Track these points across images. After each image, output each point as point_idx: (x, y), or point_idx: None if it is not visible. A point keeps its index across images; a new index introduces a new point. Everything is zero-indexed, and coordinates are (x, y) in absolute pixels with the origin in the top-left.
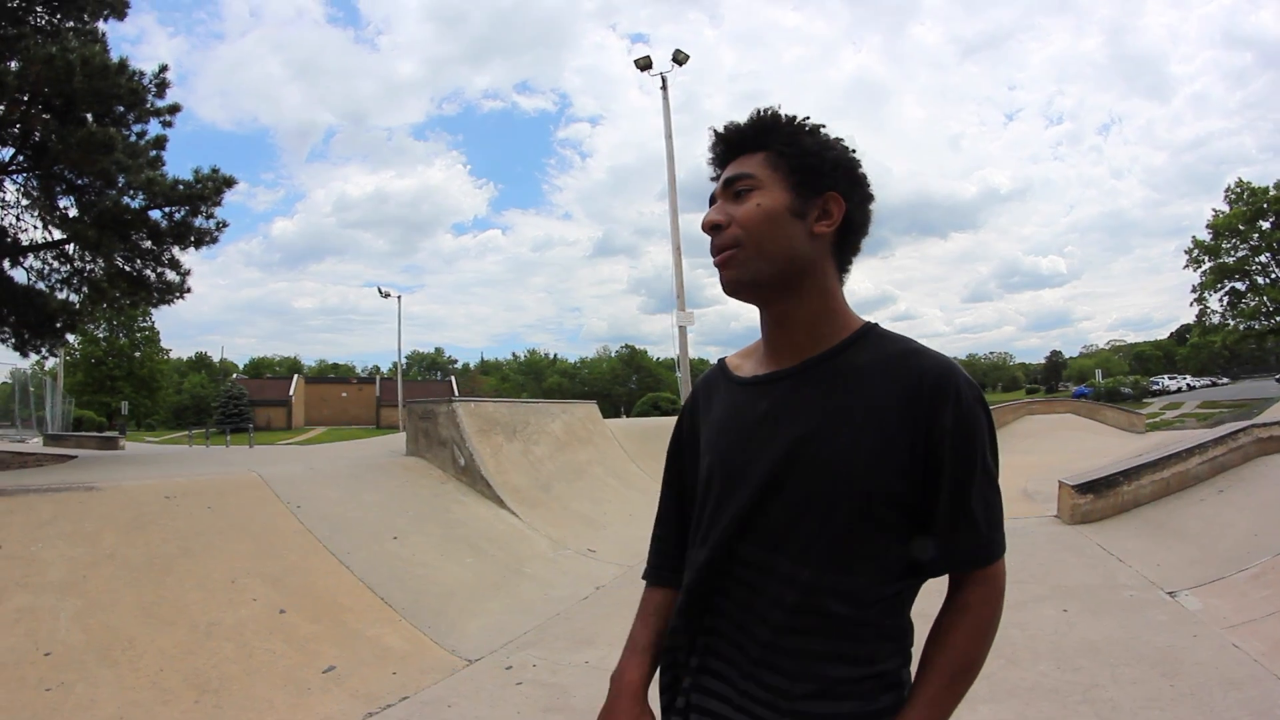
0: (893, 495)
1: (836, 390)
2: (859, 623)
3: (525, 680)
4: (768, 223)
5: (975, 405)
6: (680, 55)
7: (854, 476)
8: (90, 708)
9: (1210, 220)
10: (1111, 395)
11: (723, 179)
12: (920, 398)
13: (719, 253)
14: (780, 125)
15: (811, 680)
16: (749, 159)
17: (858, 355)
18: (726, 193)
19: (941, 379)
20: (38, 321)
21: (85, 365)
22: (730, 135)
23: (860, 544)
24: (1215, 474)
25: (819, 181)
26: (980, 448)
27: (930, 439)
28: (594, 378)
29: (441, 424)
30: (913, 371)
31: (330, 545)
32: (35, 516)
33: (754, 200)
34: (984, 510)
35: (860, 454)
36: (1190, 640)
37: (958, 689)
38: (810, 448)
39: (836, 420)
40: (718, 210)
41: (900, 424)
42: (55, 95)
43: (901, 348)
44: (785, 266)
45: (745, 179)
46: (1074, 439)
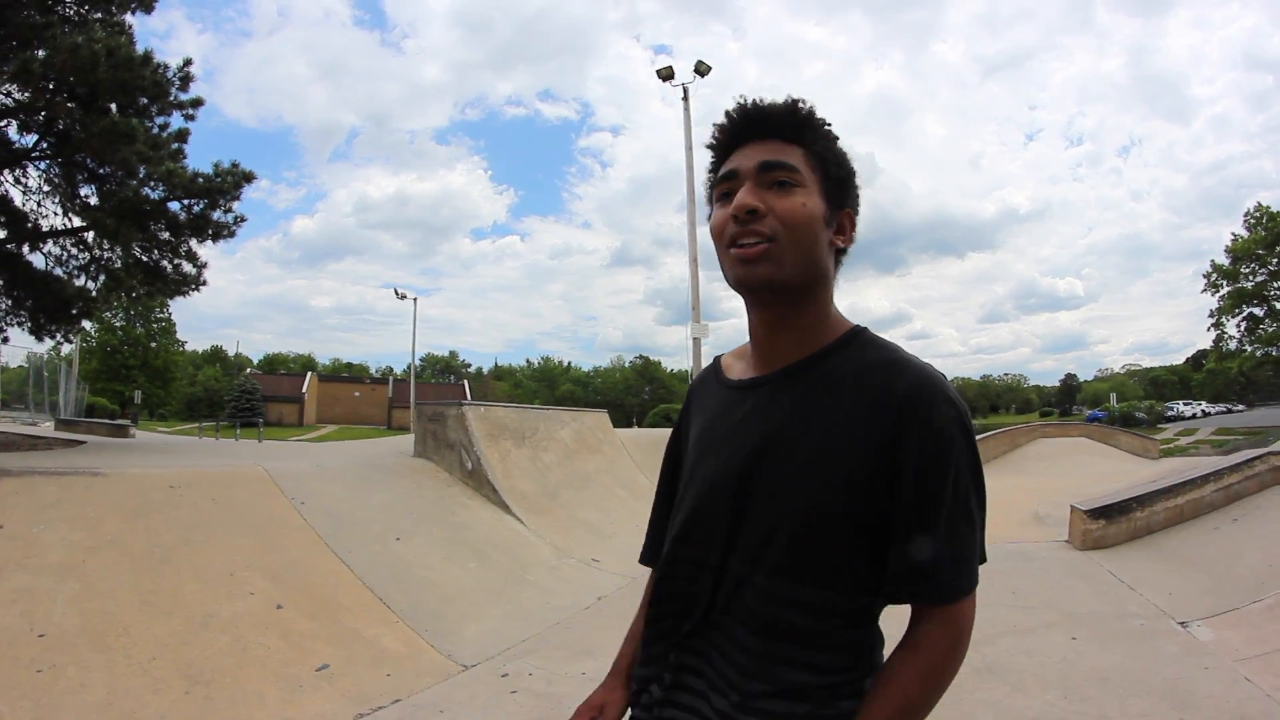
0: (852, 514)
1: (809, 399)
2: (818, 633)
3: (520, 689)
4: (811, 225)
5: (950, 426)
6: (702, 66)
7: (812, 490)
8: (80, 691)
9: (1229, 244)
10: (1126, 420)
11: (761, 160)
12: (887, 413)
13: (750, 242)
14: (819, 126)
15: (770, 682)
16: (788, 149)
17: (838, 364)
18: (763, 178)
19: (913, 394)
20: (54, 307)
21: (101, 353)
22: (771, 114)
23: (818, 558)
24: (1230, 502)
25: (845, 197)
26: (950, 472)
27: (894, 459)
28: (607, 387)
29: (450, 427)
30: (886, 384)
31: (332, 543)
32: (39, 499)
33: (799, 198)
34: (948, 542)
35: (821, 468)
36: (1201, 672)
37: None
38: (774, 457)
39: (803, 430)
40: (753, 194)
41: (865, 439)
42: (80, 84)
43: (883, 357)
44: (809, 273)
45: (789, 170)
46: (1087, 463)
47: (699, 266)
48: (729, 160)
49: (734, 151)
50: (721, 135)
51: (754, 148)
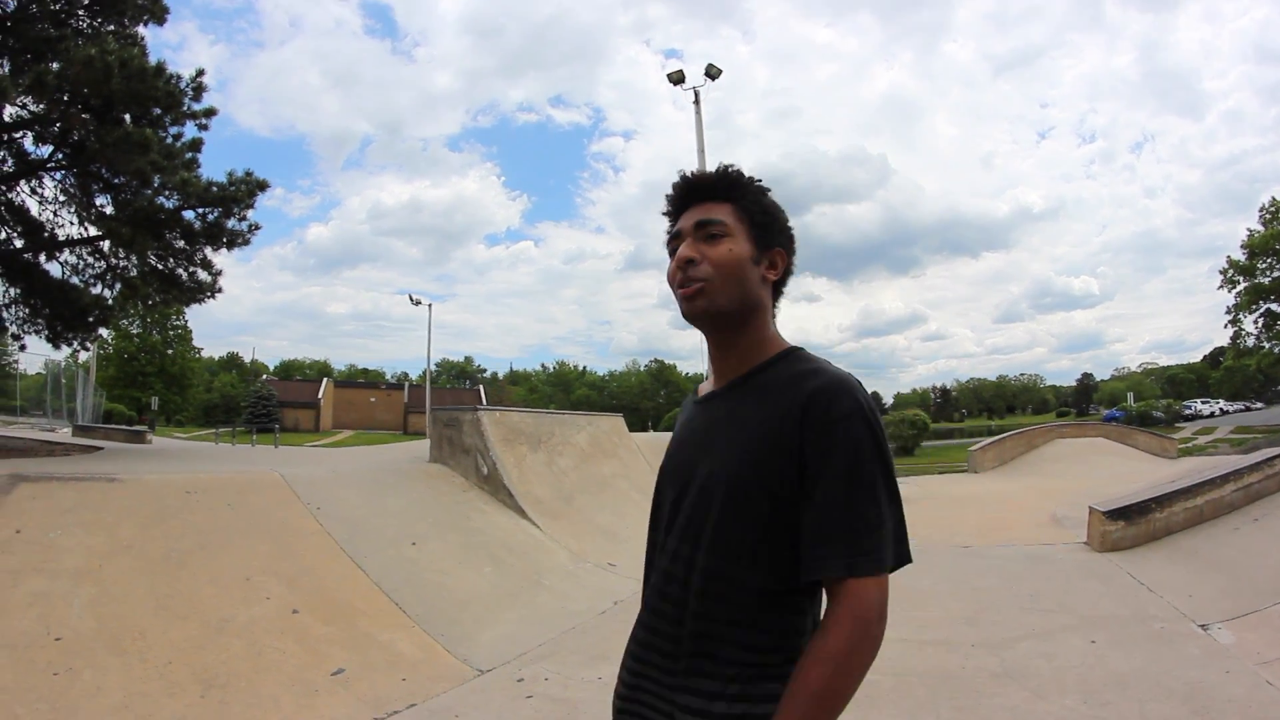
0: (774, 500)
1: (743, 404)
2: (747, 612)
3: (536, 694)
4: (736, 266)
5: (850, 417)
6: (713, 70)
7: (739, 479)
8: (96, 695)
9: (1245, 240)
10: (1143, 419)
11: (694, 219)
12: (796, 409)
13: (689, 284)
14: (744, 183)
15: (706, 658)
16: (718, 207)
17: (771, 375)
18: (699, 233)
19: (818, 392)
20: (70, 315)
21: (118, 360)
22: (702, 183)
23: (742, 538)
24: (1250, 502)
25: (772, 239)
26: (853, 458)
27: (800, 448)
28: (622, 391)
29: (466, 432)
30: (801, 387)
31: (348, 548)
32: (56, 504)
33: (726, 245)
34: (847, 519)
35: (747, 460)
36: (1222, 676)
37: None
38: (714, 453)
39: (735, 429)
40: (691, 247)
41: (778, 432)
42: (94, 96)
43: (805, 368)
44: (741, 304)
45: (718, 224)
46: (1104, 463)
47: None
48: (676, 223)
49: (680, 215)
50: (670, 203)
51: (693, 210)
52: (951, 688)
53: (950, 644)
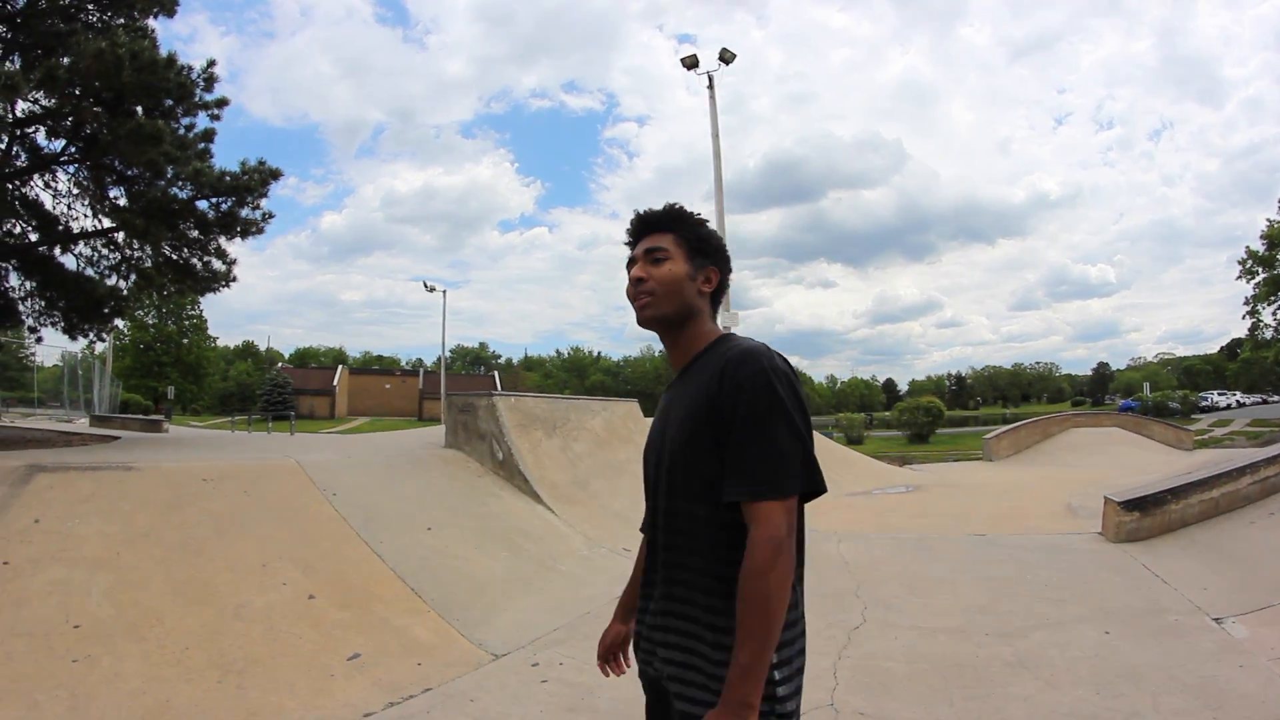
0: (697, 440)
1: (688, 383)
2: (711, 541)
3: (551, 678)
4: (675, 283)
5: (754, 376)
6: (727, 54)
7: (687, 438)
8: (114, 680)
9: (1264, 230)
10: (1159, 410)
11: (644, 247)
12: (718, 375)
13: (640, 298)
14: (684, 217)
15: (687, 586)
16: (662, 236)
17: (706, 358)
18: (647, 258)
19: (731, 361)
20: (86, 306)
21: (134, 350)
22: (649, 218)
23: (692, 479)
24: (1266, 496)
25: (705, 259)
26: (754, 408)
27: (719, 402)
28: (637, 376)
29: (481, 418)
30: (722, 357)
31: (364, 534)
32: (74, 493)
33: (667, 266)
34: (755, 456)
35: (689, 422)
36: (1236, 671)
37: (763, 627)
38: (670, 423)
39: (682, 402)
40: (641, 269)
41: (706, 394)
42: (105, 89)
43: (727, 345)
44: (681, 310)
45: (661, 250)
46: (1120, 453)
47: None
48: (633, 250)
49: (634, 246)
50: (628, 234)
51: (645, 239)
52: (964, 676)
53: (963, 632)
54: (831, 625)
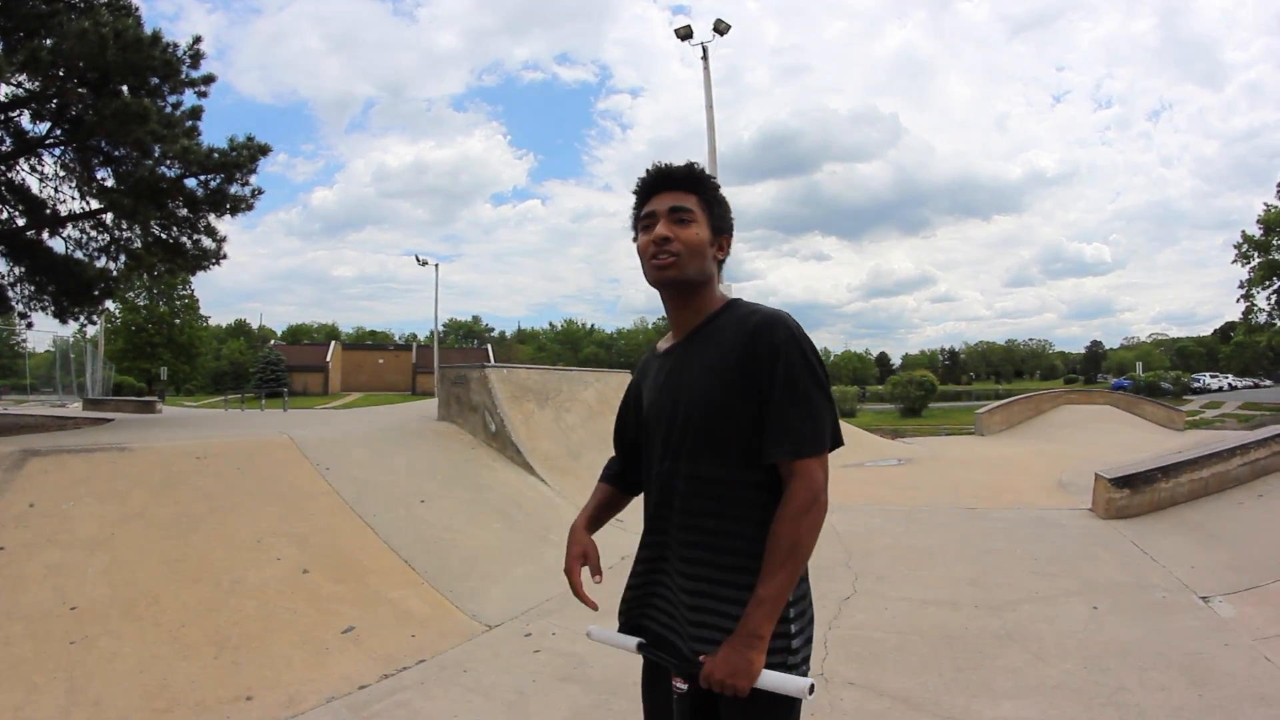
0: (728, 406)
1: (701, 346)
2: (729, 500)
3: (543, 648)
4: (700, 246)
5: (787, 342)
6: (721, 25)
7: (719, 403)
8: (112, 661)
9: (1261, 215)
10: (1151, 390)
11: (668, 204)
12: (745, 340)
13: (662, 257)
14: (706, 180)
15: (711, 548)
16: (687, 197)
17: (720, 322)
18: (672, 216)
19: (760, 325)
20: (76, 289)
21: (126, 332)
22: (674, 174)
23: (716, 441)
24: (1256, 477)
25: (723, 227)
26: (792, 370)
27: (754, 368)
28: (630, 349)
29: (473, 390)
30: (746, 324)
31: (357, 508)
32: (68, 475)
33: (693, 230)
34: (795, 417)
35: (710, 380)
36: (1221, 649)
37: (791, 564)
38: (686, 386)
39: (700, 365)
40: (667, 228)
41: (734, 359)
42: (90, 69)
43: (746, 310)
44: (699, 274)
45: (688, 212)
46: (1111, 431)
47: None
48: (649, 204)
49: (651, 198)
50: (642, 185)
51: (665, 196)
52: (954, 648)
53: (954, 604)
54: (823, 596)
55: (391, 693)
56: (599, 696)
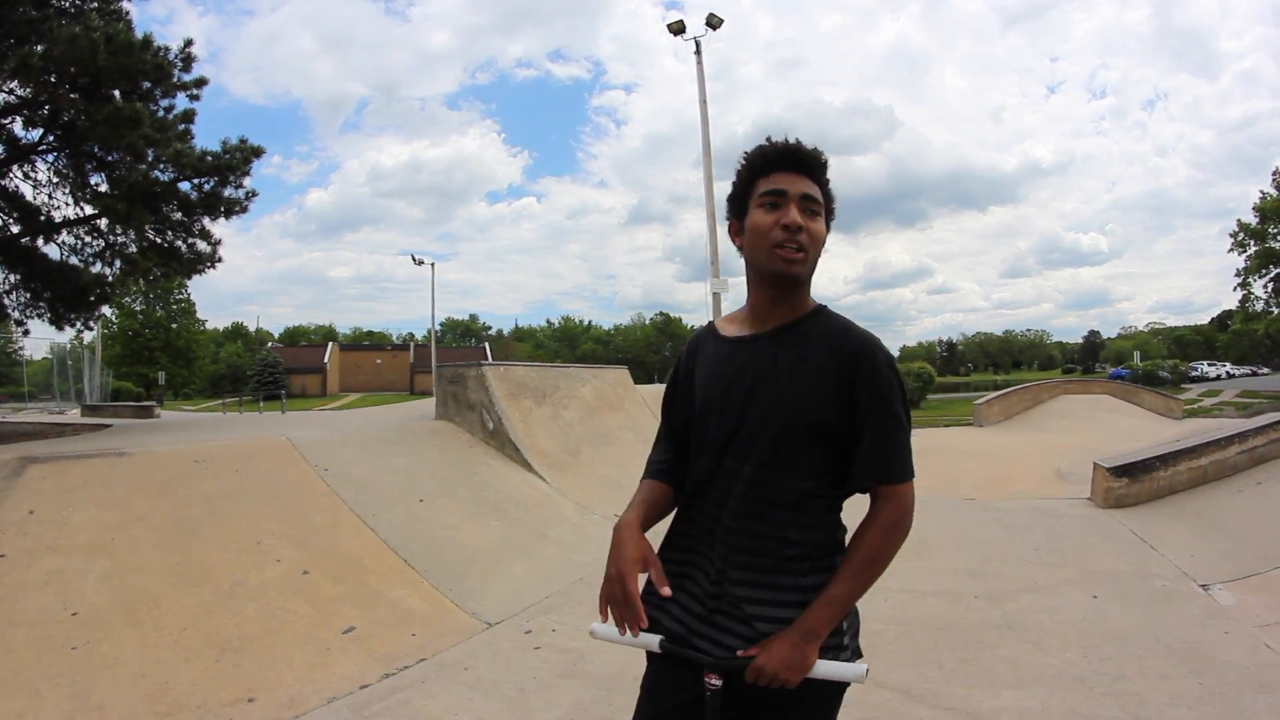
0: (820, 423)
1: (790, 349)
2: (790, 506)
3: (544, 645)
4: (821, 244)
5: (885, 369)
6: (714, 19)
7: (795, 408)
8: (114, 665)
9: (1257, 203)
10: (1149, 379)
11: (804, 192)
12: (844, 363)
13: (789, 249)
14: (826, 170)
15: (760, 553)
16: (814, 185)
17: (810, 327)
18: (803, 205)
19: (860, 350)
20: (71, 295)
21: (123, 338)
22: (809, 158)
23: (796, 455)
24: (1254, 465)
25: (831, 221)
26: (889, 400)
27: (851, 394)
28: (628, 345)
29: (471, 388)
30: (842, 343)
31: (356, 508)
32: (67, 481)
33: (820, 224)
34: (891, 446)
35: (798, 392)
36: (1221, 637)
37: (868, 573)
38: (764, 386)
39: (785, 369)
40: (800, 216)
41: (830, 378)
42: (81, 74)
43: (838, 325)
44: (810, 274)
45: (818, 203)
46: (1109, 421)
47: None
48: (773, 179)
49: (774, 174)
50: (764, 157)
51: (795, 178)
52: (953, 638)
53: (953, 595)
54: None
55: (393, 692)
56: (599, 692)
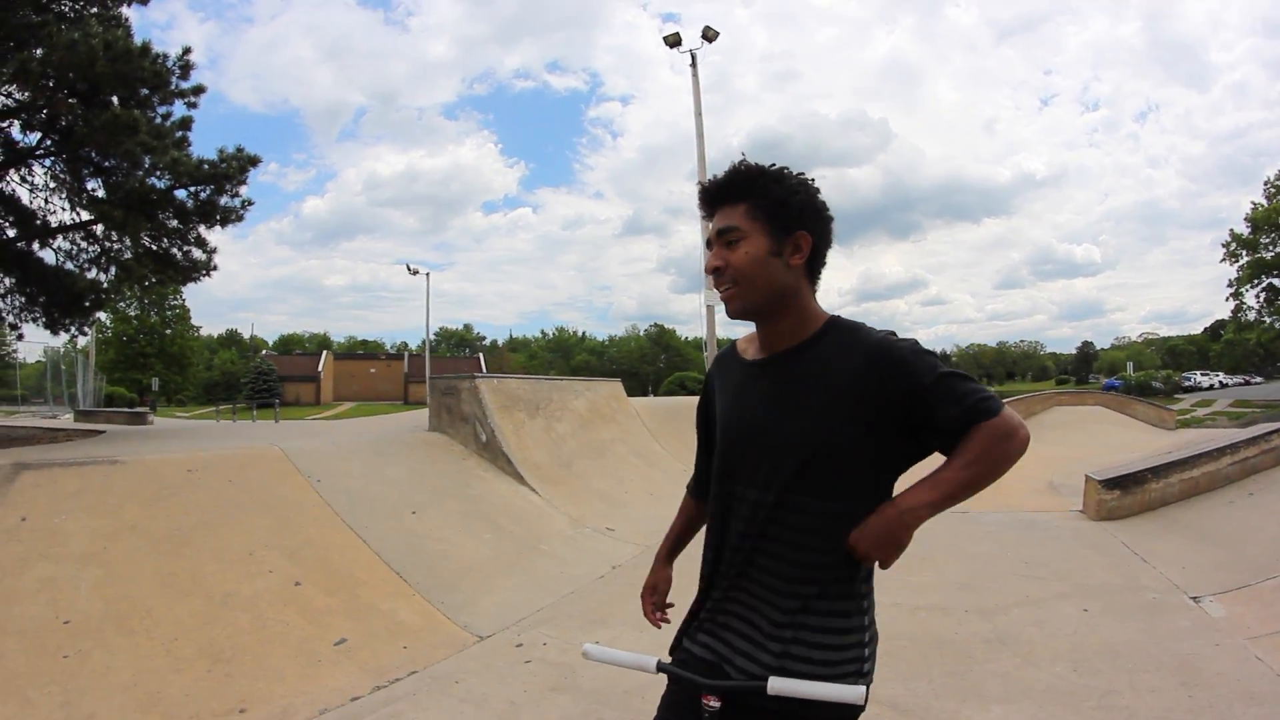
0: (846, 442)
1: (809, 372)
2: (813, 530)
3: (534, 659)
4: (754, 266)
5: (906, 350)
6: (710, 32)
7: (833, 434)
8: (106, 674)
9: (1249, 213)
10: (1142, 389)
11: (715, 230)
12: (867, 368)
13: (723, 289)
14: (755, 179)
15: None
16: (732, 211)
17: (825, 345)
18: (720, 241)
19: (875, 348)
20: (67, 301)
21: (117, 343)
22: (713, 189)
23: (841, 480)
24: (1246, 476)
25: (789, 224)
26: (928, 366)
27: (883, 390)
28: (622, 356)
29: (464, 400)
30: (857, 351)
31: (349, 519)
32: (60, 489)
33: (742, 249)
34: (964, 391)
35: (832, 417)
36: (1212, 649)
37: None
38: (790, 415)
39: (809, 392)
40: (716, 256)
41: (858, 390)
42: (80, 80)
43: (852, 336)
44: (771, 295)
45: (733, 230)
46: (1102, 432)
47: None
48: (712, 223)
49: (712, 215)
50: (700, 209)
51: (718, 215)
52: (944, 653)
53: (944, 609)
54: None
55: (384, 704)
56: (589, 706)
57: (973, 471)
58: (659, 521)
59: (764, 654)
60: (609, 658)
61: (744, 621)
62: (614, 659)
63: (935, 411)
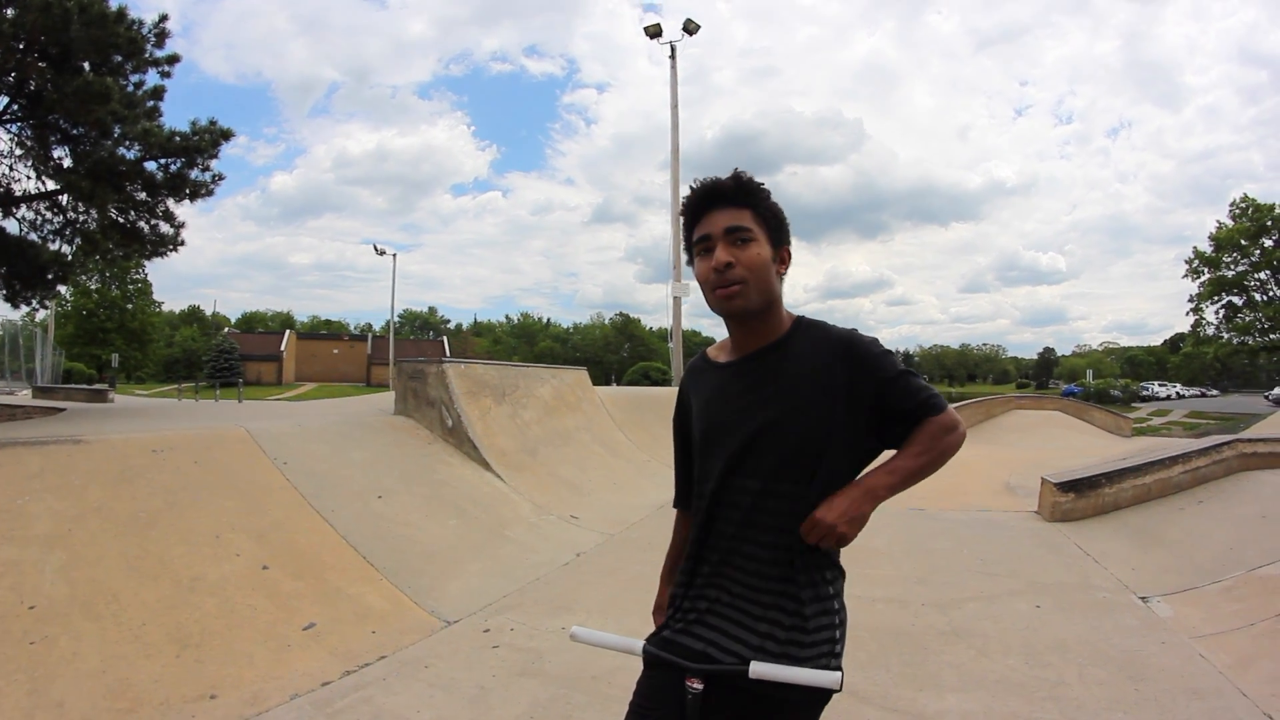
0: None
1: (780, 365)
2: (791, 514)
3: (502, 644)
4: (764, 268)
5: (872, 345)
6: (691, 24)
7: (810, 422)
8: (73, 660)
9: (1213, 232)
10: (1101, 396)
11: (724, 225)
12: (839, 361)
13: (728, 286)
14: (759, 190)
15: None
16: (740, 213)
17: (795, 342)
18: (729, 239)
19: (844, 343)
20: (29, 273)
21: (76, 317)
22: (724, 190)
23: (800, 462)
24: (1196, 484)
25: (781, 239)
26: (891, 363)
27: (853, 383)
28: (586, 344)
29: (431, 384)
30: (827, 346)
31: (315, 502)
32: (22, 469)
33: (754, 250)
34: (918, 388)
35: (802, 405)
36: (1158, 646)
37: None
38: (768, 406)
39: (782, 386)
40: (727, 252)
41: (827, 380)
42: (52, 44)
43: (821, 333)
44: (766, 298)
45: (746, 230)
46: (1060, 436)
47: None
48: (703, 223)
49: (704, 216)
50: (689, 206)
51: (717, 215)
52: (901, 644)
53: (901, 602)
54: None
55: (355, 689)
56: (558, 690)
57: (923, 460)
58: (622, 510)
59: (748, 638)
60: (596, 640)
61: (727, 607)
62: (601, 641)
63: (894, 403)
